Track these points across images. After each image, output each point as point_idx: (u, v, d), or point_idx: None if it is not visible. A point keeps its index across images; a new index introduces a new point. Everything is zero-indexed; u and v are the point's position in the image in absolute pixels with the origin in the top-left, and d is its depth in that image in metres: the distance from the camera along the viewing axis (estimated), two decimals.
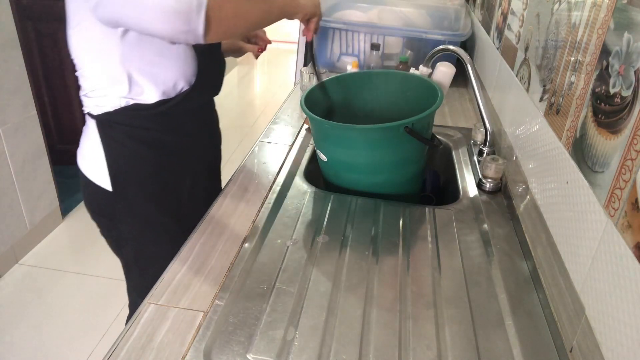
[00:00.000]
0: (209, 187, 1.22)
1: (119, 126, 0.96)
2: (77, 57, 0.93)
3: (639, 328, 0.52)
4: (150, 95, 0.95)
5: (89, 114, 0.98)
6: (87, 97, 0.97)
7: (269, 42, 1.32)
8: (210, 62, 1.01)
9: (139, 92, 0.94)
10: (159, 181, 1.04)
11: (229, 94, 4.31)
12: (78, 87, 0.98)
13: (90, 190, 1.04)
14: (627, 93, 0.61)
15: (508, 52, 1.26)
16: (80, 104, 1.00)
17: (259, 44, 1.30)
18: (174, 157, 1.05)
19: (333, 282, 0.80)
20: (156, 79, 0.94)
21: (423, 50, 1.80)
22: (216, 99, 1.15)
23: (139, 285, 1.16)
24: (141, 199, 1.04)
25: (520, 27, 1.18)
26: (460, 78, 1.64)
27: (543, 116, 0.92)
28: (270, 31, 1.31)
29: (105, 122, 0.96)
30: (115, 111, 0.95)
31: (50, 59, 2.65)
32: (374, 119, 1.19)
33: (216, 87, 1.10)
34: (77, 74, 0.96)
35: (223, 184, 1.19)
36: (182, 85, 0.97)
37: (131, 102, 0.94)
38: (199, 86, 1.00)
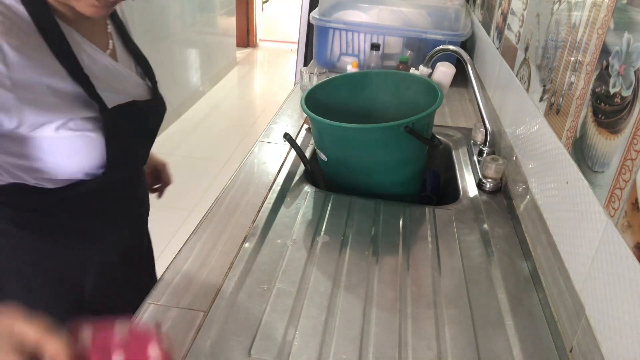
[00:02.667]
0: (131, 279, 0.95)
1: (5, 210, 0.73)
2: None
3: (639, 328, 0.52)
4: (46, 183, 0.73)
5: None
6: None
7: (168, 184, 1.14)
8: (128, 140, 0.79)
9: (30, 178, 0.71)
10: (47, 275, 0.80)
11: (229, 94, 4.31)
12: None
13: None
14: (627, 93, 0.61)
15: (508, 52, 1.26)
16: None
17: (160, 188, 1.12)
18: (73, 245, 0.82)
19: (333, 282, 0.80)
20: (52, 173, 0.72)
21: (423, 50, 1.80)
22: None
23: None
24: (25, 296, 0.80)
25: (520, 27, 1.18)
26: (460, 78, 1.64)
27: (543, 116, 0.92)
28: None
29: None
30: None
31: None
32: (374, 119, 1.19)
33: (143, 156, 0.88)
34: None
35: (217, 194, 1.02)
36: (89, 173, 0.75)
37: (16, 182, 0.71)
38: (112, 171, 0.76)
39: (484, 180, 1.09)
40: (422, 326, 0.72)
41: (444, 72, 1.25)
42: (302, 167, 1.16)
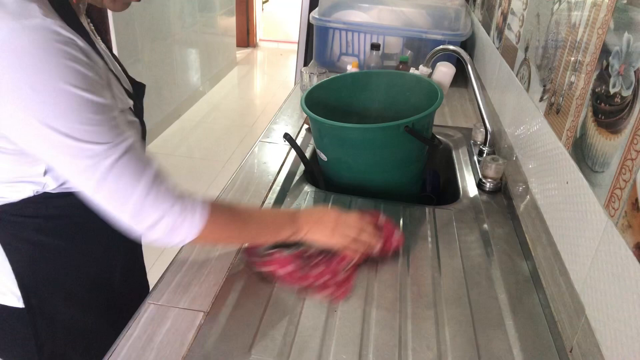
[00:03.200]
0: (140, 278, 1.00)
1: (25, 220, 0.72)
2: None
3: (639, 328, 0.52)
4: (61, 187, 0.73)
5: None
6: None
7: None
8: (142, 127, 0.82)
9: (49, 183, 0.71)
10: (84, 279, 0.83)
11: (229, 94, 4.31)
12: None
13: None
14: (627, 93, 0.61)
15: (508, 52, 1.26)
16: None
17: None
18: (101, 245, 0.84)
19: None
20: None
21: (423, 50, 1.80)
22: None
23: None
24: (63, 308, 0.81)
25: (520, 27, 1.18)
26: (460, 78, 1.64)
27: (543, 116, 0.92)
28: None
29: (6, 219, 0.72)
30: (21, 203, 0.71)
31: None
32: (374, 119, 1.19)
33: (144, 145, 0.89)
34: None
35: (216, 195, 1.02)
36: None
37: (40, 191, 0.71)
38: None
39: (484, 180, 1.09)
40: (422, 326, 0.72)
41: (444, 72, 1.25)
42: (302, 167, 1.16)
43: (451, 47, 1.26)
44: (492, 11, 1.56)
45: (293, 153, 1.22)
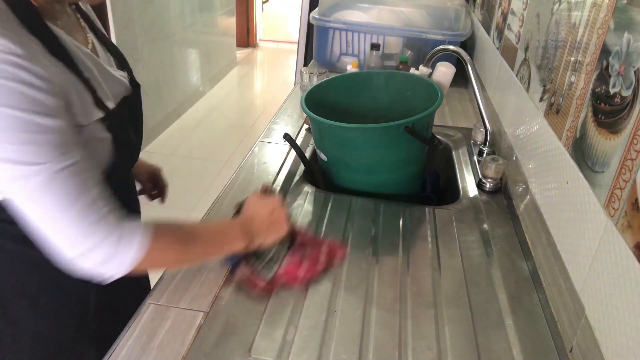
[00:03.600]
0: (131, 284, 0.86)
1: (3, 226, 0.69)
2: None
3: (639, 328, 0.52)
4: None
5: None
6: None
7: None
8: (126, 135, 0.76)
9: None
10: (52, 288, 0.78)
11: (229, 94, 4.31)
12: None
13: None
14: (627, 93, 0.61)
15: (508, 52, 1.26)
16: None
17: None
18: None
19: (333, 282, 0.80)
20: None
21: (423, 50, 1.80)
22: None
23: None
24: (30, 315, 0.77)
25: (520, 27, 1.18)
26: (460, 78, 1.64)
27: (543, 116, 0.92)
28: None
29: None
30: None
31: None
32: (374, 119, 1.19)
33: (137, 150, 0.84)
34: None
35: (216, 195, 1.04)
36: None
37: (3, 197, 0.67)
38: (117, 168, 0.74)
39: (484, 180, 1.09)
40: (422, 326, 0.72)
41: (444, 72, 1.25)
42: (302, 167, 1.16)
43: (451, 47, 1.26)
44: (492, 11, 1.56)
45: (293, 153, 1.22)
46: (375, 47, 1.69)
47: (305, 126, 1.40)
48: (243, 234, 0.75)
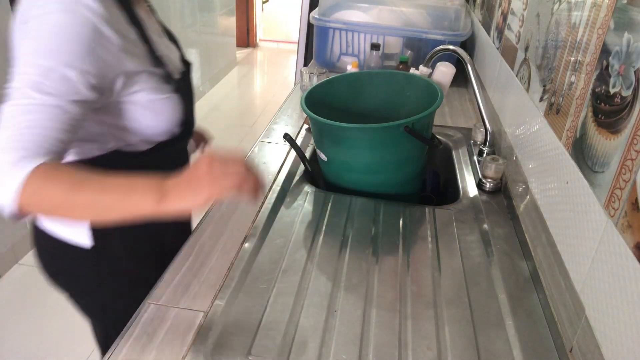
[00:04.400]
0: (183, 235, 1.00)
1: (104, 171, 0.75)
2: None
3: (639, 328, 0.52)
4: (140, 145, 0.84)
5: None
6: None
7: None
8: (191, 100, 0.92)
9: (126, 142, 0.82)
10: (143, 233, 0.89)
11: (229, 94, 4.31)
12: None
13: (60, 253, 0.88)
14: (627, 93, 0.61)
15: (508, 52, 1.26)
16: None
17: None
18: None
19: (333, 282, 0.80)
20: (146, 131, 0.83)
21: (423, 50, 1.80)
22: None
23: (108, 339, 0.93)
24: (125, 255, 0.90)
25: (520, 27, 1.18)
26: (460, 78, 1.64)
27: (543, 116, 0.92)
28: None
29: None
30: (100, 157, 0.80)
31: None
32: (374, 119, 1.19)
33: (194, 121, 0.97)
34: None
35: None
36: (171, 131, 0.86)
37: (115, 148, 0.81)
38: (186, 128, 0.90)
39: (484, 180, 1.09)
40: (422, 326, 0.72)
41: (444, 72, 1.25)
42: (302, 167, 1.16)
43: (451, 47, 1.26)
44: (492, 11, 1.56)
45: (293, 153, 1.22)
46: (375, 47, 1.69)
47: (305, 126, 1.40)
48: (153, 190, 0.62)
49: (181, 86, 0.85)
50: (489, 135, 1.19)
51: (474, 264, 0.86)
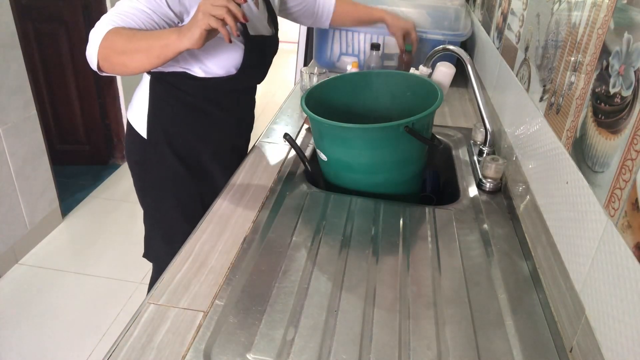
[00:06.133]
0: (229, 164, 1.27)
1: (168, 86, 1.13)
2: None
3: (639, 328, 0.52)
4: (199, 72, 1.11)
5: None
6: None
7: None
8: (255, 57, 1.15)
9: (191, 66, 1.10)
10: (187, 142, 1.20)
11: None
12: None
13: (130, 137, 1.22)
14: (627, 93, 0.61)
15: (508, 52, 1.26)
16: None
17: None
18: (205, 125, 1.20)
19: (333, 282, 0.80)
20: (206, 63, 1.10)
21: (423, 50, 1.80)
22: None
23: (152, 240, 1.33)
24: (169, 151, 1.18)
25: (520, 27, 1.18)
26: (460, 78, 1.64)
27: (543, 116, 0.92)
28: None
29: (158, 79, 1.13)
30: (169, 73, 1.11)
31: (50, 59, 2.65)
32: (374, 119, 1.19)
33: (259, 77, 1.27)
34: None
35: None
36: (228, 70, 1.12)
37: (183, 70, 1.11)
38: (242, 75, 1.14)
39: (484, 180, 1.09)
40: (422, 326, 0.72)
41: (444, 72, 1.25)
42: (302, 167, 1.16)
43: (451, 47, 1.26)
44: (492, 11, 1.56)
45: (293, 153, 1.22)
46: (375, 47, 1.69)
47: (305, 126, 1.40)
48: (174, 32, 0.93)
49: (253, 42, 1.11)
50: (489, 135, 1.19)
51: (474, 264, 0.86)
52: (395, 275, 0.82)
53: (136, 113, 1.19)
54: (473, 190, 1.10)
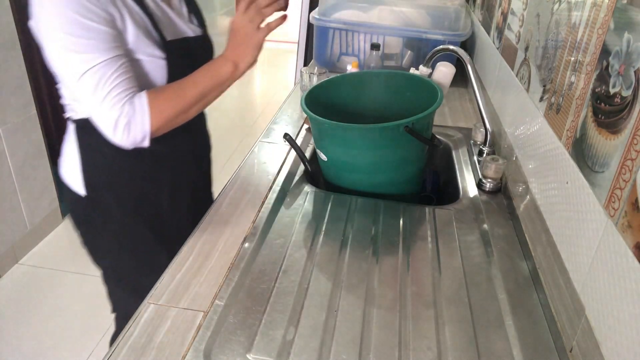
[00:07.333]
0: (195, 200, 1.16)
1: (96, 132, 0.88)
2: (55, 70, 0.87)
3: (639, 328, 0.52)
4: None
5: (69, 118, 0.97)
6: (67, 104, 0.95)
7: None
8: (183, 65, 0.95)
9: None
10: (135, 190, 1.03)
11: (229, 94, 4.30)
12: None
13: (69, 197, 1.04)
14: (627, 93, 0.61)
15: (508, 52, 1.26)
16: None
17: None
18: (152, 166, 1.02)
19: (333, 282, 0.80)
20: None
21: (423, 50, 1.80)
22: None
23: (119, 297, 1.17)
24: (116, 208, 1.02)
25: (520, 27, 1.18)
26: (460, 78, 1.64)
27: (543, 116, 0.92)
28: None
29: (84, 127, 0.94)
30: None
31: None
32: (374, 119, 1.19)
33: None
34: (57, 86, 0.94)
35: (217, 193, 1.11)
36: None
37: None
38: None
39: (484, 180, 1.09)
40: (422, 326, 0.72)
41: (444, 72, 1.25)
42: (302, 167, 1.16)
43: (451, 47, 1.26)
44: (492, 11, 1.56)
45: (293, 153, 1.22)
46: (375, 47, 1.69)
47: (305, 126, 1.40)
48: (224, 62, 0.90)
49: (174, 48, 0.93)
50: (489, 135, 1.19)
51: (474, 264, 0.86)
52: (395, 275, 0.82)
53: (68, 168, 1.01)
54: (473, 190, 1.10)
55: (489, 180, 1.08)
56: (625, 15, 0.64)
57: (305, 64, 2.71)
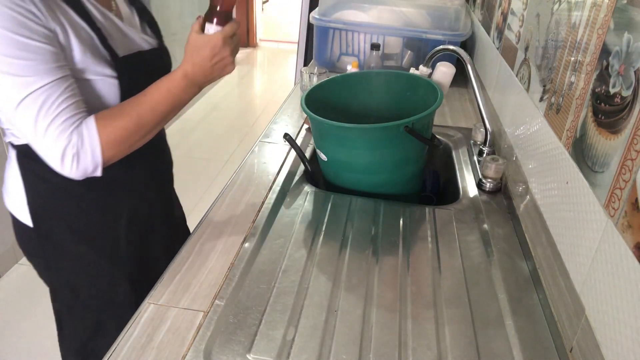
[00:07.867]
0: (157, 227, 1.07)
1: (39, 158, 0.77)
2: None
3: (639, 328, 0.52)
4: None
5: (10, 143, 0.87)
6: (6, 128, 0.84)
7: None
8: (137, 81, 0.86)
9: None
10: (88, 219, 0.93)
11: (229, 94, 4.31)
12: None
13: (17, 228, 0.94)
14: (627, 93, 0.61)
15: (508, 52, 1.26)
16: None
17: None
18: (105, 192, 0.93)
19: (333, 282, 0.80)
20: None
21: (423, 50, 1.80)
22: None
23: (73, 341, 1.04)
24: (69, 238, 0.93)
25: (520, 27, 1.18)
26: (460, 78, 1.64)
27: (543, 116, 0.92)
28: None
29: (27, 155, 0.83)
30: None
31: None
32: (374, 119, 1.19)
33: None
34: None
35: (217, 194, 1.05)
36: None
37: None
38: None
39: (484, 180, 1.09)
40: (422, 326, 0.72)
41: (444, 72, 1.25)
42: (302, 167, 1.16)
43: (451, 47, 1.26)
44: (492, 11, 1.56)
45: (293, 153, 1.22)
46: (375, 47, 1.69)
47: (305, 126, 1.40)
48: (189, 87, 0.81)
49: (126, 64, 0.84)
50: (489, 135, 1.19)
51: (474, 264, 0.86)
52: (395, 275, 0.82)
53: (13, 198, 0.91)
54: (473, 190, 1.10)
55: (489, 180, 1.08)
56: (625, 15, 0.64)
57: (305, 64, 2.71)
